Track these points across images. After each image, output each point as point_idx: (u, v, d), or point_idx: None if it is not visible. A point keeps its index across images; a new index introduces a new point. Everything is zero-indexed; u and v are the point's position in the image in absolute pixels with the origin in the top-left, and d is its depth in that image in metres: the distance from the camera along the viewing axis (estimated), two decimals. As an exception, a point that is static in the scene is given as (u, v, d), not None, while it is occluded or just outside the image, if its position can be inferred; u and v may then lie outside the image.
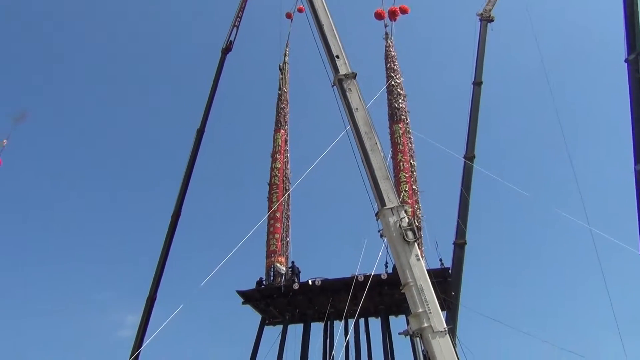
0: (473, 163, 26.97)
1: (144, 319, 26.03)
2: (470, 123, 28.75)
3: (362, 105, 16.15)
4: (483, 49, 31.04)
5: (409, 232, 13.84)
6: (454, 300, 23.68)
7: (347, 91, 16.30)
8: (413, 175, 25.10)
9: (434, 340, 12.41)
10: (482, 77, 30.06)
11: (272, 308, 24.61)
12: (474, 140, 28.16)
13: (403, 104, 27.16)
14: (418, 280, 13.18)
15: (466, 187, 26.79)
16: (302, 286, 23.81)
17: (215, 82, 33.10)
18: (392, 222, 14.12)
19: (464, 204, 26.57)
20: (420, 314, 12.73)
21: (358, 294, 19.73)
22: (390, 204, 14.41)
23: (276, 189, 27.53)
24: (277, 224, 26.44)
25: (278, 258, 25.51)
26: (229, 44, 34.22)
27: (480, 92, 29.76)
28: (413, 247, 13.72)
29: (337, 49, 17.24)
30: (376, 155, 15.25)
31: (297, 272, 24.97)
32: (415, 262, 13.48)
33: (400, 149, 25.41)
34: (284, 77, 32.35)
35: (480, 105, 29.44)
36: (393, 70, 28.32)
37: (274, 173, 28.21)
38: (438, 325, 12.57)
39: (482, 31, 31.60)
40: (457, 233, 26.10)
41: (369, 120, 15.89)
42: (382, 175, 14.94)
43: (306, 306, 24.28)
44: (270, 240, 26.09)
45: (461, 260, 25.56)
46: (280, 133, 29.81)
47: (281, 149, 29.18)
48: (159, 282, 27.08)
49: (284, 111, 30.87)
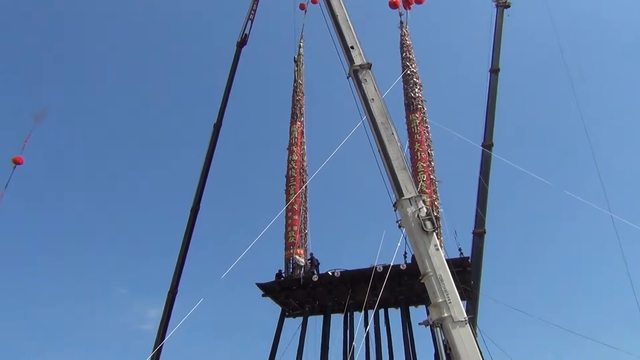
0: (491, 151, 26.76)
1: (166, 312, 26.34)
2: (488, 111, 28.52)
3: (378, 96, 16.10)
4: (500, 36, 30.72)
5: (427, 222, 13.81)
6: (474, 290, 23.57)
7: (362, 82, 16.26)
8: (431, 164, 24.91)
9: (455, 330, 12.39)
10: (499, 64, 29.76)
11: (292, 300, 24.67)
12: (492, 128, 27.92)
13: (419, 93, 26.93)
14: (437, 270, 13.16)
15: (485, 176, 26.59)
16: (322, 278, 23.82)
17: (231, 76, 33.21)
18: (410, 212, 14.10)
19: (483, 192, 26.39)
20: (440, 304, 12.71)
21: (377, 284, 19.68)
22: (408, 194, 14.38)
23: (293, 182, 27.50)
24: (295, 216, 26.45)
25: (297, 250, 25.53)
26: (244, 38, 34.26)
27: (498, 79, 29.47)
28: (432, 237, 13.70)
29: (352, 40, 17.19)
30: (393, 146, 15.21)
31: (316, 264, 24.98)
32: (434, 252, 13.46)
33: (417, 138, 25.22)
34: (299, 69, 32.25)
35: (498, 92, 29.17)
36: (408, 59, 28.07)
37: (291, 165, 28.18)
38: (458, 315, 12.54)
39: (499, 17, 31.26)
40: (476, 222, 25.96)
41: (385, 111, 15.84)
42: (400, 166, 14.90)
43: (326, 298, 24.29)
44: (288, 233, 26.10)
45: (481, 250, 25.42)
46: (296, 125, 29.74)
47: (297, 141, 29.12)
48: (179, 276, 27.37)
49: (300, 103, 30.79)
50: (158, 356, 24.43)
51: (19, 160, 35.96)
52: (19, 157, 36.04)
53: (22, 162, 36.19)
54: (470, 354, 12.15)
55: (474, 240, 25.64)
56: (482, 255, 25.38)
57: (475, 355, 12.25)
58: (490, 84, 29.39)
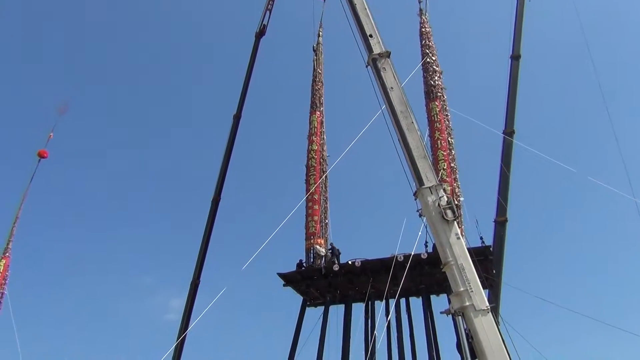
0: (513, 138, 26.43)
1: (189, 302, 26.58)
2: (509, 98, 28.10)
3: (397, 84, 16.00)
4: (521, 21, 30.15)
5: (448, 211, 13.75)
6: (495, 279, 23.41)
7: (381, 70, 16.17)
8: (451, 153, 24.74)
9: (477, 319, 12.35)
10: (520, 51, 29.27)
11: (313, 289, 24.78)
12: (514, 115, 27.53)
13: (439, 81, 26.67)
14: (459, 258, 13.10)
15: (506, 163, 26.28)
16: (342, 267, 23.86)
17: (250, 67, 33.15)
18: (430, 201, 14.04)
19: (504, 180, 26.10)
20: (461, 293, 12.67)
21: (398, 273, 19.69)
22: (429, 183, 14.32)
23: (313, 171, 27.53)
24: (315, 206, 26.51)
25: (317, 240, 25.61)
26: (263, 28, 34.14)
27: (519, 65, 29.01)
28: (453, 225, 13.62)
29: (371, 28, 17.09)
30: (413, 134, 15.13)
31: (337, 254, 25.02)
32: (455, 240, 13.39)
33: (438, 126, 25.03)
34: (318, 59, 32.15)
35: (519, 79, 28.74)
36: (428, 47, 27.78)
37: (311, 155, 28.20)
38: (480, 304, 12.49)
39: (519, 3, 30.70)
40: (498, 210, 25.70)
41: (405, 99, 15.74)
42: (420, 154, 14.83)
43: (347, 287, 24.35)
44: (309, 223, 26.17)
45: (502, 238, 25.21)
46: (316, 115, 29.72)
47: (317, 130, 29.10)
48: (201, 266, 27.56)
49: (319, 93, 30.73)
50: (182, 345, 24.76)
51: (44, 153, 36.56)
52: (44, 151, 36.65)
53: (46, 156, 36.78)
54: (493, 342, 12.09)
55: (495, 228, 25.41)
56: (504, 243, 25.17)
57: (497, 344, 12.19)
58: (511, 71, 28.94)
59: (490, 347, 12.03)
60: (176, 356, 24.48)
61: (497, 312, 21.66)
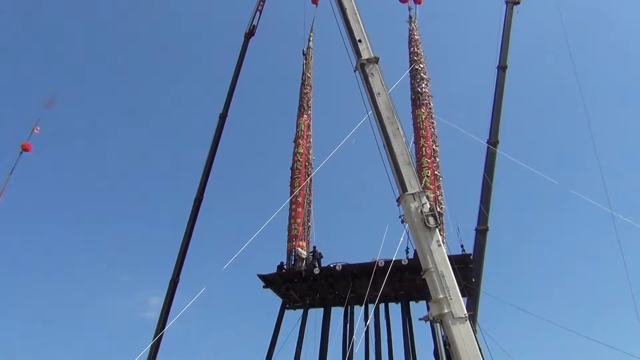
0: (497, 148, 26.65)
1: (167, 301, 26.45)
2: (495, 108, 28.36)
3: (384, 90, 16.07)
4: (508, 32, 30.46)
5: (430, 218, 13.82)
6: (475, 287, 23.56)
7: (369, 76, 16.22)
8: (435, 160, 24.85)
9: (455, 326, 12.41)
10: (507, 61, 29.56)
11: (293, 292, 24.71)
12: (498, 125, 27.78)
13: (426, 89, 26.80)
14: (439, 266, 13.16)
15: (489, 173, 26.51)
16: (323, 271, 23.84)
17: (238, 67, 33.16)
18: (413, 207, 14.10)
19: (487, 189, 26.31)
20: (441, 300, 12.73)
21: (379, 279, 19.70)
22: (412, 190, 14.38)
23: (298, 174, 27.49)
24: (298, 209, 26.47)
25: (299, 243, 25.55)
26: (252, 29, 34.17)
27: (505, 76, 29.29)
28: (434, 232, 13.69)
29: (360, 33, 17.15)
30: (398, 140, 15.20)
31: (319, 257, 24.99)
32: (436, 247, 13.46)
33: (423, 134, 25.13)
34: (307, 62, 32.13)
35: (505, 89, 29.00)
36: (416, 54, 27.92)
37: (297, 158, 28.15)
38: (459, 312, 12.55)
39: (508, 14, 30.99)
40: (479, 219, 25.90)
41: (391, 105, 15.81)
42: (404, 161, 14.89)
43: (327, 291, 24.32)
44: (291, 225, 26.11)
45: (483, 247, 25.38)
46: (303, 118, 29.68)
47: (304, 133, 29.06)
48: (181, 265, 27.46)
49: (307, 96, 30.70)
50: (158, 344, 24.58)
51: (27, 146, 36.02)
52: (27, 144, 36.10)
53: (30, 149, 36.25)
54: (470, 350, 12.16)
55: (476, 237, 25.59)
56: (484, 252, 25.33)
57: (474, 351, 12.26)
58: (497, 81, 29.21)
59: (467, 354, 12.09)
60: (152, 356, 24.31)
61: (475, 320, 21.82)
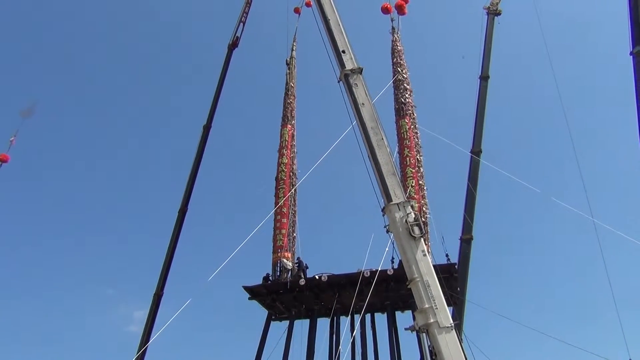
0: (480, 158, 26.87)
1: (151, 314, 26.21)
2: (477, 117, 28.66)
3: (369, 100, 16.11)
4: (490, 43, 30.87)
5: (415, 228, 13.83)
6: (460, 296, 23.63)
7: (353, 86, 16.25)
8: (420, 170, 24.97)
9: (440, 335, 12.40)
10: (489, 72, 29.91)
11: (279, 303, 24.61)
12: (481, 134, 28.06)
13: (409, 99, 27.01)
14: (424, 275, 13.16)
15: (473, 182, 26.71)
16: (309, 282, 23.78)
17: (222, 78, 33.19)
18: (398, 217, 14.11)
19: (471, 198, 26.51)
20: (426, 310, 12.71)
21: (364, 289, 19.69)
22: (397, 200, 14.39)
23: (283, 184, 27.45)
24: (283, 220, 26.40)
25: (284, 254, 25.47)
26: (236, 40, 34.24)
27: (487, 86, 29.62)
28: (419, 242, 13.70)
29: (344, 44, 17.20)
30: (382, 151, 15.22)
31: (304, 268, 24.93)
32: (421, 257, 13.46)
33: (407, 144, 25.27)
34: (291, 72, 32.22)
35: (487, 99, 29.32)
36: (399, 65, 28.14)
37: (281, 168, 28.12)
38: (444, 321, 12.55)
39: (489, 25, 31.41)
40: (464, 228, 26.05)
41: (375, 115, 15.84)
42: (389, 171, 14.91)
43: (312, 302, 24.26)
44: (276, 236, 26.04)
45: (467, 256, 25.53)
46: (287, 128, 29.71)
47: (288, 144, 29.07)
48: (165, 278, 27.24)
49: (291, 106, 30.77)
50: (142, 358, 24.27)
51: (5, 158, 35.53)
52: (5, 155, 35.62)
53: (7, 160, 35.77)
54: (456, 359, 12.17)
55: (461, 246, 25.72)
56: (469, 261, 25.49)
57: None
58: (479, 91, 29.52)
59: (453, 364, 12.09)
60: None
61: (461, 329, 21.86)
